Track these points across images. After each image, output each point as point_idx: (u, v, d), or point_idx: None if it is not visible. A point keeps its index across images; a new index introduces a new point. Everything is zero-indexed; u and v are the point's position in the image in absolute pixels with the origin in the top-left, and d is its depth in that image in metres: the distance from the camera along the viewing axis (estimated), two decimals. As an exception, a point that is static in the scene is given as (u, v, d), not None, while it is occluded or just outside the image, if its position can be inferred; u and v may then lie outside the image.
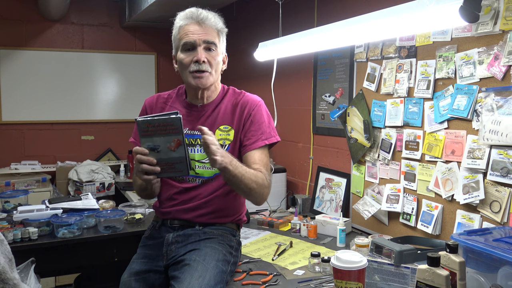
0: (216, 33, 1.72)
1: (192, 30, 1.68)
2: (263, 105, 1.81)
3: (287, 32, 2.29)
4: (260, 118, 1.76)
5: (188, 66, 1.69)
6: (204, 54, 1.68)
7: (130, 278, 1.68)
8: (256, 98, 1.81)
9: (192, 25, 1.68)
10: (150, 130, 1.49)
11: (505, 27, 1.59)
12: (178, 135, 1.49)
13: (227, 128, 1.76)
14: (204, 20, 1.68)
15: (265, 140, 1.75)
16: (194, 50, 1.68)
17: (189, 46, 1.68)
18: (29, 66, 3.99)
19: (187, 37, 1.68)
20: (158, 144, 1.50)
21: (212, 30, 1.70)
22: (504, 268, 1.28)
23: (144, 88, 4.42)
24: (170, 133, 1.49)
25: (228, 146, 1.74)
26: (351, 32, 1.76)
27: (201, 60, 1.67)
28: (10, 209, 2.43)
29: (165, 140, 1.49)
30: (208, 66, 1.70)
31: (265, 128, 1.76)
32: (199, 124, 1.75)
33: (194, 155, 1.74)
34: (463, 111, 1.76)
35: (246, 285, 1.68)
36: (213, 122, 1.76)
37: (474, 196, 1.71)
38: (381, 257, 1.60)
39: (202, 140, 1.50)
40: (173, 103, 1.84)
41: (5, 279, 1.37)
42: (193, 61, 1.68)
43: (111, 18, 4.30)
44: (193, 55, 1.68)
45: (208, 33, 1.68)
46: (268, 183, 1.71)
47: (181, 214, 1.76)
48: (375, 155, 2.26)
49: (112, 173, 3.89)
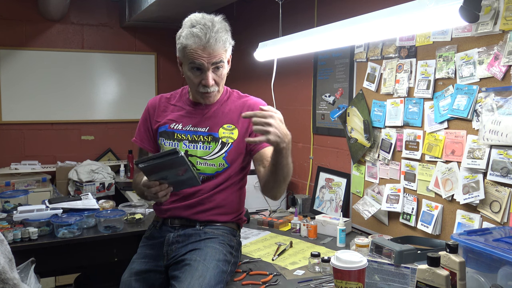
0: (224, 50, 1.68)
1: (199, 53, 1.62)
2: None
3: (287, 32, 2.29)
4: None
5: (196, 86, 1.70)
6: (212, 76, 1.67)
7: (131, 278, 1.68)
8: (262, 101, 1.83)
9: (200, 49, 1.62)
10: (155, 169, 1.52)
11: (505, 27, 1.59)
12: (184, 166, 1.51)
13: (230, 127, 1.76)
14: (212, 46, 1.62)
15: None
16: (201, 71, 1.66)
17: (196, 66, 1.66)
18: (29, 66, 3.99)
19: (194, 59, 1.63)
20: (166, 175, 1.54)
21: (220, 49, 1.65)
22: (504, 268, 1.28)
23: (144, 88, 4.42)
24: (176, 167, 1.52)
25: (231, 144, 1.74)
26: (351, 32, 1.76)
27: (210, 84, 1.67)
28: (10, 209, 2.43)
29: (172, 172, 1.53)
30: (216, 86, 1.71)
31: None
32: (202, 121, 1.77)
33: (196, 151, 1.75)
34: (463, 111, 1.76)
35: (246, 285, 1.68)
36: (217, 119, 1.77)
37: (474, 196, 1.71)
38: (381, 257, 1.60)
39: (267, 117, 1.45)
40: (176, 102, 1.85)
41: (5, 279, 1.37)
42: (202, 84, 1.68)
43: (111, 18, 4.30)
44: (201, 77, 1.67)
45: (216, 55, 1.64)
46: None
47: (181, 211, 1.76)
48: (375, 155, 2.26)
49: (112, 173, 3.89)
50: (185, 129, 1.78)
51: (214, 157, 1.74)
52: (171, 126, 1.79)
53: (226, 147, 1.73)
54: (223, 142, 1.74)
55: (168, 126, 1.80)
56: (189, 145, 1.75)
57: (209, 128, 1.76)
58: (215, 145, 1.74)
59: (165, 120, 1.81)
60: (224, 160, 1.74)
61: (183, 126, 1.78)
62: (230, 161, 1.75)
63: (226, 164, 1.74)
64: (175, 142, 1.77)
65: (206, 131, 1.76)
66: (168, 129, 1.80)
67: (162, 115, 1.83)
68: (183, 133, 1.77)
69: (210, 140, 1.74)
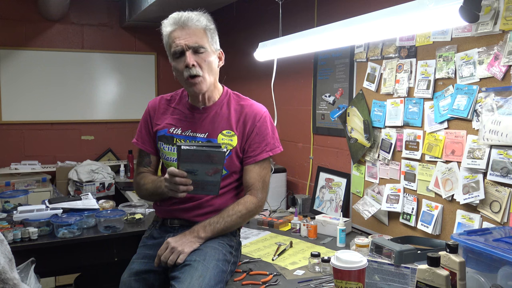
0: (203, 32, 1.69)
1: (177, 36, 1.67)
2: (268, 116, 1.82)
3: (287, 32, 2.29)
4: (265, 129, 1.78)
5: (182, 73, 1.69)
6: (193, 58, 1.67)
7: (130, 278, 1.68)
8: (261, 108, 1.82)
9: (177, 31, 1.67)
10: (193, 158, 1.52)
11: (505, 27, 1.59)
12: (218, 165, 1.52)
13: (230, 133, 1.75)
14: (186, 23, 1.66)
15: (269, 152, 1.78)
16: (183, 55, 1.68)
17: (178, 53, 1.68)
18: (29, 66, 3.99)
19: (174, 44, 1.67)
20: (197, 169, 1.54)
21: (198, 31, 1.67)
22: (504, 268, 1.28)
23: (144, 88, 4.42)
24: (212, 163, 1.52)
25: (230, 151, 1.73)
26: (351, 32, 1.76)
27: (190, 64, 1.66)
28: (10, 209, 2.43)
29: (205, 167, 1.53)
30: (199, 69, 1.68)
31: (269, 139, 1.78)
32: (201, 126, 1.76)
33: None
34: (463, 111, 1.76)
35: (246, 285, 1.68)
36: (216, 124, 1.76)
37: (474, 196, 1.71)
38: (381, 257, 1.60)
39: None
40: (176, 105, 1.84)
41: (5, 279, 1.37)
42: (185, 67, 1.68)
43: (111, 18, 4.30)
44: (183, 60, 1.68)
45: (192, 36, 1.66)
46: (257, 205, 1.75)
47: (181, 213, 1.76)
48: (375, 155, 2.26)
49: (112, 173, 3.89)
50: (184, 134, 1.77)
51: None
52: (171, 131, 1.79)
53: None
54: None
55: (167, 130, 1.79)
56: None
57: (208, 134, 1.75)
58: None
59: (164, 124, 1.81)
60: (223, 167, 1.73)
61: (183, 131, 1.77)
62: (229, 168, 1.75)
63: (225, 171, 1.74)
64: (174, 146, 1.76)
65: (205, 137, 1.75)
66: (168, 134, 1.79)
67: (162, 117, 1.83)
68: (182, 138, 1.77)
69: None
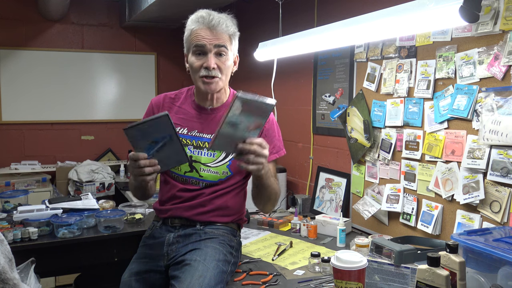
0: (228, 37, 1.70)
1: (203, 35, 1.66)
2: (274, 119, 1.86)
3: (287, 32, 2.29)
4: (272, 132, 1.81)
5: (198, 71, 1.69)
6: (214, 60, 1.67)
7: (131, 278, 1.67)
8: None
9: (204, 30, 1.66)
10: (141, 136, 1.47)
11: (505, 27, 1.59)
12: (169, 130, 1.47)
13: None
14: (215, 26, 1.66)
15: (275, 154, 1.80)
16: (205, 55, 1.67)
17: (199, 50, 1.67)
18: (29, 66, 3.99)
19: (197, 40, 1.66)
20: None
21: (224, 35, 1.68)
22: (504, 268, 1.28)
23: (144, 88, 4.42)
24: (162, 133, 1.47)
25: None
26: (351, 32, 1.76)
27: (211, 66, 1.66)
28: (10, 209, 2.43)
29: (159, 140, 1.48)
30: (218, 72, 1.69)
31: (276, 142, 1.81)
32: (208, 127, 1.76)
33: (200, 157, 1.73)
34: (463, 111, 1.76)
35: (246, 285, 1.68)
36: None
37: (474, 196, 1.71)
38: (381, 257, 1.60)
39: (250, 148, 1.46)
40: (181, 104, 1.82)
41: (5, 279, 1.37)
42: (203, 67, 1.67)
43: (111, 18, 4.30)
44: (204, 60, 1.67)
45: (220, 39, 1.67)
46: (279, 195, 1.81)
47: (182, 211, 1.76)
48: (375, 155, 2.26)
49: (112, 173, 3.89)
50: (190, 134, 1.76)
51: (218, 164, 1.73)
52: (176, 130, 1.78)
53: (230, 155, 1.73)
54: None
55: None
56: (193, 151, 1.74)
57: None
58: (220, 152, 1.73)
59: None
60: (228, 168, 1.73)
61: (189, 131, 1.76)
62: (234, 169, 1.74)
63: (230, 172, 1.74)
64: None
65: (211, 137, 1.75)
66: None
67: None
68: (188, 138, 1.76)
69: None
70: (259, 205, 1.80)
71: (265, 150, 1.49)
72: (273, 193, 1.72)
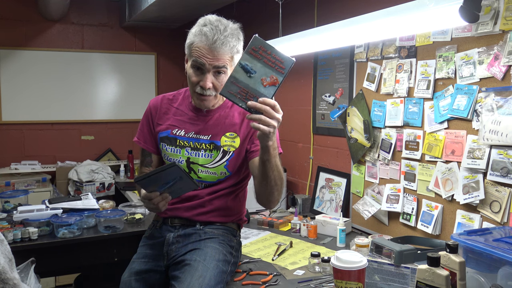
0: (230, 57, 1.63)
1: (203, 53, 1.60)
2: None
3: (287, 32, 2.29)
4: None
5: (194, 86, 1.67)
6: (211, 79, 1.63)
7: (131, 278, 1.67)
8: None
9: (205, 48, 1.59)
10: (153, 183, 1.53)
11: (505, 27, 1.59)
12: (179, 174, 1.49)
13: (232, 135, 1.74)
14: (217, 48, 1.59)
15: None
16: (202, 73, 1.63)
17: (198, 65, 1.63)
18: (29, 66, 3.99)
19: (197, 57, 1.61)
20: (164, 186, 1.55)
21: (226, 55, 1.62)
22: (504, 268, 1.28)
23: (144, 88, 4.42)
24: (172, 178, 1.51)
25: (233, 153, 1.73)
26: (351, 32, 1.76)
27: (206, 87, 1.63)
28: (10, 209, 2.43)
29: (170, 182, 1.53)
30: (213, 90, 1.66)
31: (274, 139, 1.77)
32: (205, 128, 1.75)
33: (198, 159, 1.74)
34: (463, 111, 1.76)
35: (246, 285, 1.68)
36: (219, 127, 1.75)
37: (474, 196, 1.71)
38: (381, 257, 1.60)
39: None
40: (179, 106, 1.82)
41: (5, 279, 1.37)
42: (200, 85, 1.65)
43: (111, 18, 4.30)
44: (201, 78, 1.64)
45: (220, 60, 1.61)
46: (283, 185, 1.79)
47: (182, 212, 1.76)
48: (375, 155, 2.26)
49: (112, 173, 3.89)
50: (187, 136, 1.76)
51: (216, 165, 1.73)
52: (174, 132, 1.77)
53: (227, 155, 1.72)
54: (224, 151, 1.72)
55: (170, 131, 1.78)
56: (191, 152, 1.74)
57: (211, 136, 1.74)
58: (217, 153, 1.73)
59: (167, 125, 1.79)
60: (225, 168, 1.73)
61: (186, 133, 1.76)
62: (231, 169, 1.74)
63: (228, 172, 1.74)
64: (177, 148, 1.76)
65: (208, 139, 1.74)
66: (171, 135, 1.78)
67: (164, 117, 1.81)
68: (185, 140, 1.76)
69: (212, 148, 1.73)
70: (264, 196, 1.64)
71: (278, 114, 1.41)
72: (278, 178, 1.58)
